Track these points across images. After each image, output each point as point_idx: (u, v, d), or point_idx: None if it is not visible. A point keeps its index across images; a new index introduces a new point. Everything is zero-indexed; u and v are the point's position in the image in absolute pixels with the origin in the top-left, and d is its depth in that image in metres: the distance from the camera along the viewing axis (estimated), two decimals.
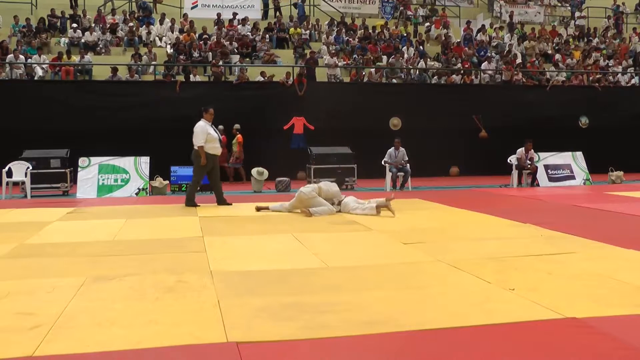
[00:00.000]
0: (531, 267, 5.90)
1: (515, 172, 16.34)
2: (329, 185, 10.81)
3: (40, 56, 20.12)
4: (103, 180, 14.91)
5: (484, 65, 22.73)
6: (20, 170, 14.64)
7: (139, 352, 3.68)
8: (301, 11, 25.63)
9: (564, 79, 22.94)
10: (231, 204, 11.72)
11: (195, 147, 11.65)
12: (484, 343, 3.81)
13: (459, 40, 24.83)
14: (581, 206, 11.48)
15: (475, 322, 4.16)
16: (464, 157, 19.99)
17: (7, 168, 14.54)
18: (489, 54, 23.58)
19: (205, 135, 11.56)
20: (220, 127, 17.12)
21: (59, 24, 23.04)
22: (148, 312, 4.47)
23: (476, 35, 25.37)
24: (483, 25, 26.24)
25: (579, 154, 17.45)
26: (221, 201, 11.86)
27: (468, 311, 4.43)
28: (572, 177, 17.00)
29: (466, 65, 22.94)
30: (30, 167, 14.60)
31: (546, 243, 7.28)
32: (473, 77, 22.26)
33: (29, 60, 19.77)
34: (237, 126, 17.81)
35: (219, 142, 11.87)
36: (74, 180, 15.29)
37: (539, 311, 4.40)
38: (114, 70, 19.35)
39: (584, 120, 21.42)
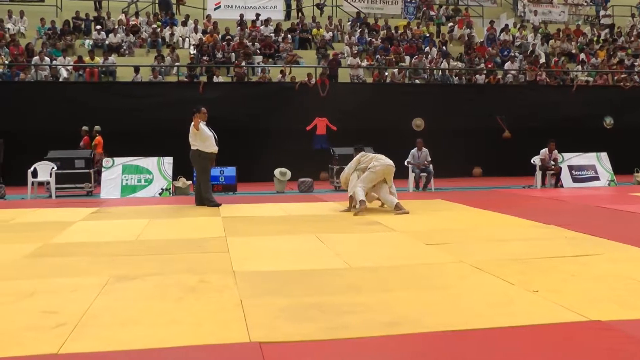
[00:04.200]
0: (555, 268, 5.84)
1: (538, 173, 16.22)
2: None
3: (65, 58, 20.32)
4: (126, 180, 15.02)
5: (507, 65, 22.59)
6: (45, 170, 14.81)
7: (162, 351, 3.70)
8: None
9: (589, 78, 22.72)
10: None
11: (192, 149, 11.76)
12: (506, 345, 3.78)
13: (482, 40, 24.71)
14: (605, 207, 11.36)
15: (498, 323, 4.13)
16: (487, 157, 19.90)
17: (32, 168, 14.74)
18: (513, 54, 23.43)
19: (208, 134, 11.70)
20: (85, 127, 17.16)
21: (83, 26, 23.27)
22: (170, 312, 4.49)
23: (499, 35, 25.23)
24: (506, 25, 26.07)
25: (604, 155, 17.27)
26: (202, 201, 11.93)
27: (491, 312, 4.39)
28: (597, 178, 16.83)
29: (489, 66, 22.81)
30: (55, 168, 14.76)
31: (570, 244, 7.21)
32: (499, 77, 22.10)
33: (54, 62, 19.98)
34: (97, 128, 17.45)
35: (215, 140, 11.89)
36: (98, 181, 15.42)
37: (563, 313, 4.36)
38: (137, 71, 19.49)
39: (608, 121, 21.21)
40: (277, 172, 15.69)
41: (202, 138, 11.63)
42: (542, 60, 23.49)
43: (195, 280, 5.45)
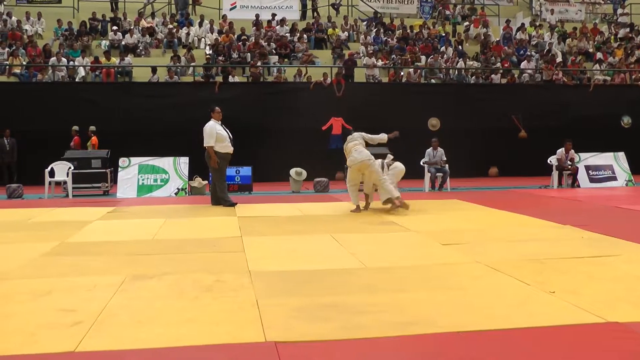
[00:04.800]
0: (572, 269, 5.81)
1: (555, 173, 16.13)
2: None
3: (82, 59, 20.45)
4: (143, 180, 15.10)
5: (524, 64, 22.49)
6: (62, 170, 14.92)
7: (178, 350, 3.72)
8: None
9: (606, 77, 22.56)
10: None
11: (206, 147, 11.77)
12: (522, 346, 3.76)
13: (498, 39, 24.60)
14: (623, 208, 11.27)
15: (514, 324, 4.11)
16: (503, 157, 19.83)
17: (49, 168, 14.85)
18: (529, 53, 23.32)
19: (214, 135, 11.62)
20: (75, 128, 17.16)
21: (99, 27, 23.42)
22: (187, 311, 4.51)
23: (516, 34, 25.11)
24: (523, 24, 25.94)
25: (621, 155, 17.13)
26: (217, 201, 11.93)
27: (507, 313, 4.38)
28: (614, 178, 16.70)
29: (506, 65, 22.71)
30: (72, 167, 14.86)
31: (587, 245, 7.16)
32: (516, 77, 21.99)
33: (71, 63, 20.11)
34: (92, 128, 17.48)
35: (229, 141, 11.87)
36: (114, 180, 15.51)
37: (580, 315, 4.33)
38: (153, 71, 19.59)
39: (626, 120, 21.03)
40: (292, 172, 15.71)
41: (218, 139, 11.64)
42: (559, 59, 23.35)
43: (211, 280, 5.47)
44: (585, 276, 5.52)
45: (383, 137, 11.22)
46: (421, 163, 15.57)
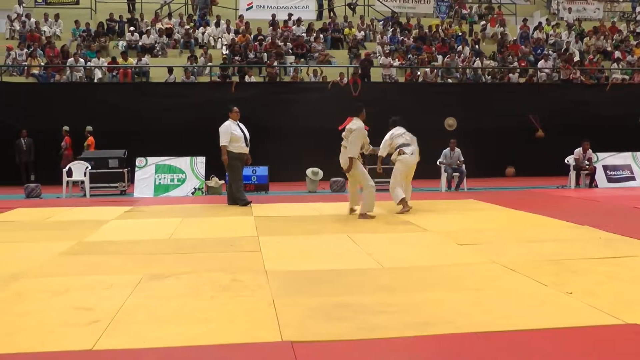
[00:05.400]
0: (589, 270, 5.77)
1: (572, 173, 16.03)
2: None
3: (99, 59, 20.58)
4: (159, 179, 15.17)
5: (541, 63, 22.35)
6: (79, 170, 15.03)
7: (195, 349, 3.73)
8: None
9: (625, 76, 22.38)
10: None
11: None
12: (540, 347, 3.74)
13: (515, 38, 24.49)
14: None
15: (531, 325, 4.09)
16: (520, 157, 19.72)
17: (67, 168, 14.96)
18: (546, 52, 23.18)
19: (229, 135, 11.63)
20: (65, 128, 17.20)
21: (117, 27, 23.55)
22: (203, 310, 4.53)
23: (533, 33, 24.98)
24: (540, 23, 25.81)
25: None
26: (234, 201, 11.93)
27: (524, 314, 4.35)
28: (633, 178, 16.56)
29: (523, 64, 22.59)
30: (89, 167, 14.96)
31: (605, 246, 7.10)
32: (533, 76, 21.87)
33: (88, 64, 20.24)
34: (89, 128, 17.46)
35: (245, 141, 11.85)
36: (131, 180, 15.60)
37: (598, 316, 4.30)
38: (170, 71, 19.68)
39: None
40: (309, 171, 15.72)
41: (233, 139, 11.65)
42: (577, 58, 23.18)
43: (228, 279, 5.48)
44: (603, 277, 5.48)
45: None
46: (438, 163, 15.53)
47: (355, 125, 10.28)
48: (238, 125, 11.91)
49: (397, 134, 11.09)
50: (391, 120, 11.53)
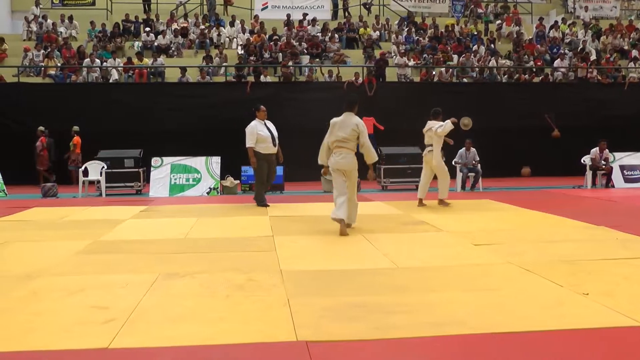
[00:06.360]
0: (606, 271, 5.73)
1: (589, 173, 15.93)
2: None
3: (115, 60, 20.69)
4: (175, 179, 15.23)
5: (557, 62, 22.21)
6: (95, 169, 15.11)
7: (210, 348, 3.75)
8: None
9: None
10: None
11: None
12: (555, 349, 3.72)
13: (531, 37, 24.37)
14: None
15: (546, 326, 4.07)
16: (535, 157, 19.61)
17: (83, 167, 15.05)
18: (562, 51, 23.03)
19: (255, 135, 11.50)
20: (40, 128, 17.25)
21: (132, 28, 23.66)
22: (218, 310, 4.55)
23: (549, 32, 24.83)
24: (556, 22, 25.65)
25: None
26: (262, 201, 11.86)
27: (539, 315, 4.33)
28: None
29: (538, 63, 22.47)
30: (105, 167, 15.04)
31: (621, 246, 7.05)
32: (549, 76, 21.75)
33: (104, 64, 20.36)
34: (75, 128, 17.52)
35: (272, 141, 11.73)
36: (147, 180, 15.66)
37: (614, 317, 4.27)
38: (185, 71, 19.75)
39: None
40: None
41: (259, 140, 11.59)
42: (593, 57, 23.02)
43: (243, 279, 5.49)
44: (620, 278, 5.44)
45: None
46: (453, 163, 15.48)
47: (362, 124, 9.10)
48: (265, 124, 11.80)
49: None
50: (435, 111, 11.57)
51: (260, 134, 11.54)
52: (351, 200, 8.52)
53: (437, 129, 11.09)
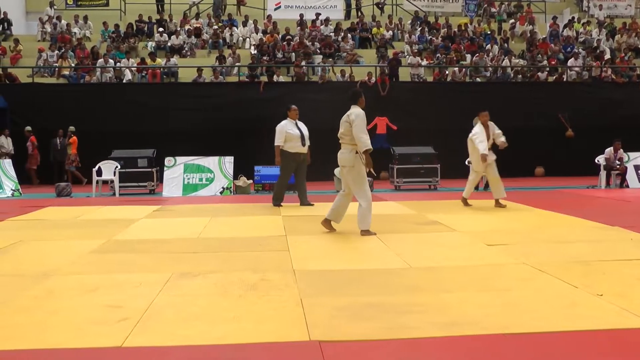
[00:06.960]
0: (620, 271, 5.70)
1: (603, 173, 15.84)
2: None
3: (128, 60, 20.78)
4: (188, 179, 15.28)
5: (571, 62, 22.10)
6: (109, 169, 15.17)
7: (223, 348, 3.75)
8: None
9: None
10: (313, 205, 11.70)
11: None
12: (569, 350, 3.70)
13: (544, 36, 24.26)
14: None
15: (560, 327, 4.04)
16: (549, 157, 19.54)
17: (97, 167, 15.12)
18: (576, 50, 22.92)
19: (283, 134, 11.57)
20: (27, 128, 17.45)
21: (146, 28, 23.76)
22: (231, 309, 4.55)
23: (563, 31, 24.74)
24: (570, 20, 25.52)
25: None
26: (304, 202, 11.88)
27: (553, 316, 4.31)
28: None
29: (552, 63, 22.36)
30: (119, 167, 15.10)
31: (636, 247, 7.01)
32: (563, 75, 21.65)
33: (118, 64, 20.45)
34: (71, 128, 17.69)
35: (302, 140, 11.75)
36: (160, 179, 15.72)
37: (629, 318, 4.24)
38: (199, 71, 19.81)
39: None
40: (337, 171, 15.68)
41: (288, 139, 11.59)
42: (607, 56, 22.89)
43: (256, 278, 5.50)
44: (634, 279, 5.41)
45: None
46: (466, 163, 15.41)
47: (354, 114, 8.73)
48: (296, 124, 11.84)
49: None
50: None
51: (289, 132, 11.62)
52: (346, 197, 8.36)
53: (477, 144, 11.60)
